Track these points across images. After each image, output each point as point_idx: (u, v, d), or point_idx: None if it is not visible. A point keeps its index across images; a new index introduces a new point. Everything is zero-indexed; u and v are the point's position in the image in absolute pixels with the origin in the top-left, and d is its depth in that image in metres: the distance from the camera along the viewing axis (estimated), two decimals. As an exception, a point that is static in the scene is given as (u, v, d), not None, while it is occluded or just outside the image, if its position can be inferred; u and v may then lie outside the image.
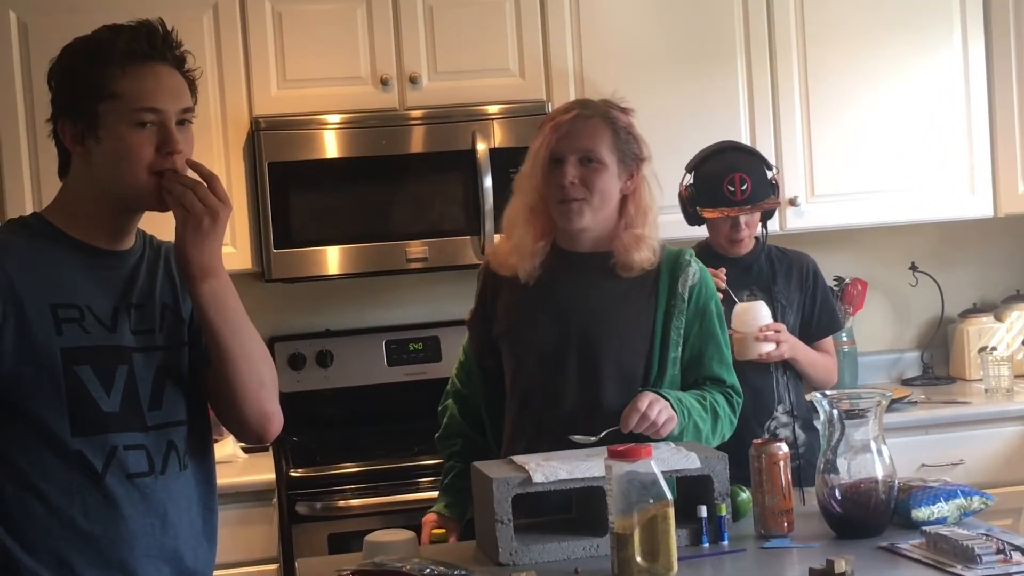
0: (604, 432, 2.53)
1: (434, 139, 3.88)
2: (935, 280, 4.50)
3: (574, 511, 2.57)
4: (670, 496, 2.21)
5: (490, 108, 3.89)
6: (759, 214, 3.38)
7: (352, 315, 4.22)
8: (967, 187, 4.25)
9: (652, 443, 2.36)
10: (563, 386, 2.67)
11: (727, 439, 2.72)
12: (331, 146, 3.83)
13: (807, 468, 3.03)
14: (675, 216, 3.39)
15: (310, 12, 3.86)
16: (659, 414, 2.53)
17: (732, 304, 3.25)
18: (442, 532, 2.69)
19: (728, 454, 2.50)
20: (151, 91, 1.98)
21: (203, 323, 2.04)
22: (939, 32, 4.22)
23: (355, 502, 3.56)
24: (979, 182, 4.25)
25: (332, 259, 3.83)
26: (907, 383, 4.44)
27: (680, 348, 2.69)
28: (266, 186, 3.77)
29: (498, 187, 3.70)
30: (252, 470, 3.61)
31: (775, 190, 3.38)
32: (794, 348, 3.32)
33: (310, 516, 3.54)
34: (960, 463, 3.89)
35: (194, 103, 2.05)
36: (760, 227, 3.42)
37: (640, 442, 2.32)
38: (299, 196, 3.81)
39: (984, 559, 2.16)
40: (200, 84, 2.09)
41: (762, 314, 3.26)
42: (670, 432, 2.56)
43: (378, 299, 4.23)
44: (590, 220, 2.67)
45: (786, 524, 2.46)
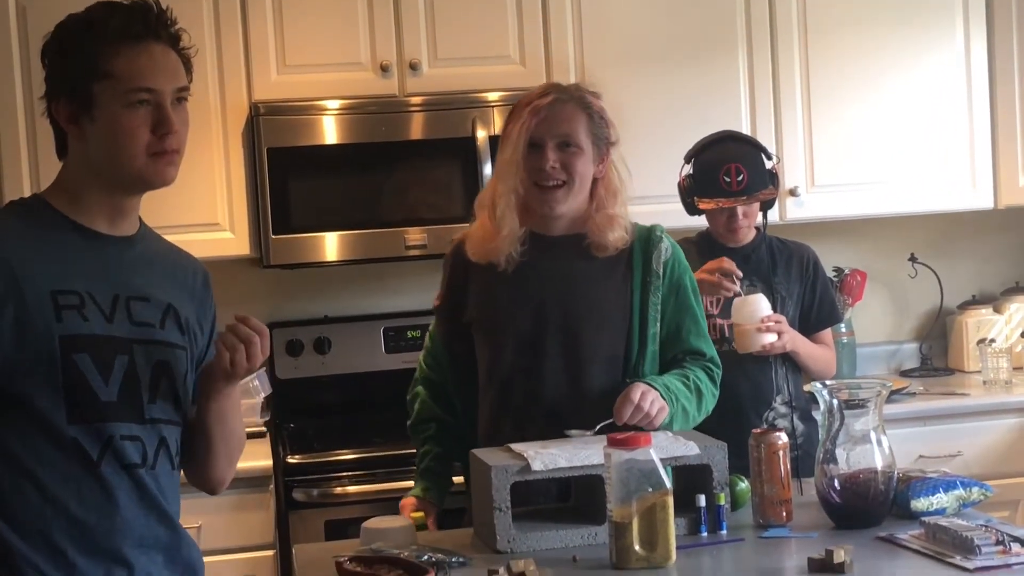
0: (599, 425, 2.53)
1: (434, 126, 3.86)
2: (934, 272, 4.49)
3: (572, 499, 2.56)
4: (669, 484, 2.21)
5: (490, 95, 3.87)
6: (758, 204, 3.37)
7: (350, 302, 4.21)
8: (967, 179, 4.24)
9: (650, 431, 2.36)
10: (545, 369, 2.66)
11: (722, 427, 2.71)
12: (330, 132, 3.81)
13: (805, 459, 3.03)
14: (675, 205, 3.39)
15: (310, -3, 3.85)
16: (651, 404, 2.54)
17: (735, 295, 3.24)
18: (420, 516, 2.68)
19: (727, 443, 2.49)
20: (146, 70, 1.97)
21: (201, 414, 2.12)
22: (941, 23, 4.21)
23: (352, 489, 3.56)
24: (979, 174, 4.24)
25: (330, 245, 3.82)
26: (905, 374, 4.44)
27: (658, 324, 2.70)
28: (265, 172, 3.75)
29: (498, 175, 3.69)
30: (249, 456, 3.52)
31: (774, 180, 3.35)
32: (794, 340, 3.32)
33: (307, 503, 3.54)
34: (958, 455, 3.89)
35: (189, 81, 2.04)
36: (760, 217, 3.41)
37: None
38: (298, 182, 3.80)
39: (983, 550, 2.16)
40: (199, 69, 2.08)
41: (763, 306, 3.25)
42: (663, 422, 2.56)
43: (376, 286, 4.22)
44: (570, 204, 2.68)
45: (785, 514, 2.46)
